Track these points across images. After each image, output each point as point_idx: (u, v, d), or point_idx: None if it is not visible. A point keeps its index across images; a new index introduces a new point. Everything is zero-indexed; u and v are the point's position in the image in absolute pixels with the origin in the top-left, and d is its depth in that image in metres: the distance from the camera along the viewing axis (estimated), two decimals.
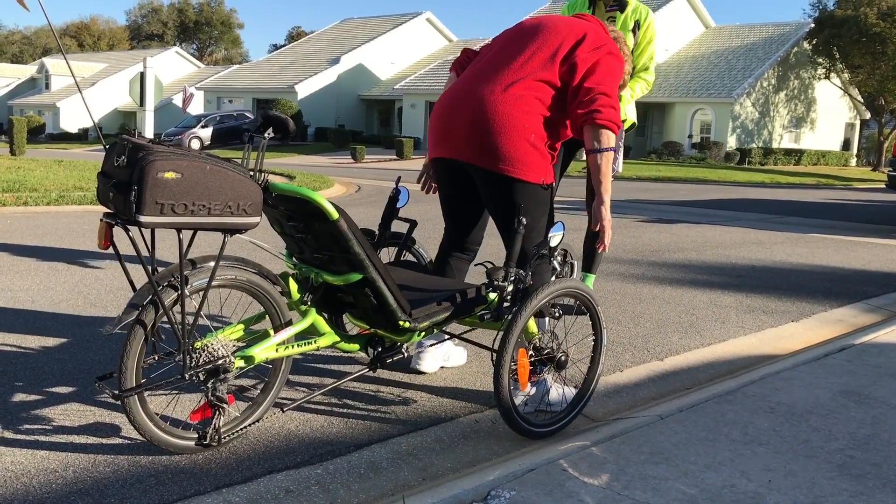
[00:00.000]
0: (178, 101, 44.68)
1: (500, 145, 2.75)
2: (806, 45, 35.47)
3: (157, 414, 2.37)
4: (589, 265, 4.42)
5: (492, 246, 6.87)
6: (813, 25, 34.81)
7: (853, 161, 40.16)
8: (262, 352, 2.41)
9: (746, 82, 32.71)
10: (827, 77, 35.84)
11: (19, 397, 2.80)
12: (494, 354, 2.53)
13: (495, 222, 2.95)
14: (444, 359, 3.32)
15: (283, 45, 63.91)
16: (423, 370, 3.25)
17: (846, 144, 40.82)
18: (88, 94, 48.30)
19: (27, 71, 56.56)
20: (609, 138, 2.75)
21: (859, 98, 38.37)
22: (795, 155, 34.32)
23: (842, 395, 3.00)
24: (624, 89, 3.16)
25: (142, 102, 12.98)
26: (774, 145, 35.55)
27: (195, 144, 31.84)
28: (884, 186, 23.35)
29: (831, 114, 39.17)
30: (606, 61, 2.80)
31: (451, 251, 3.17)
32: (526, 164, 2.77)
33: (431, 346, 3.23)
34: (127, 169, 2.06)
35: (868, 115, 39.87)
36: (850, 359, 3.52)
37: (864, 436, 2.58)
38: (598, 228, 2.80)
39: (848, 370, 3.34)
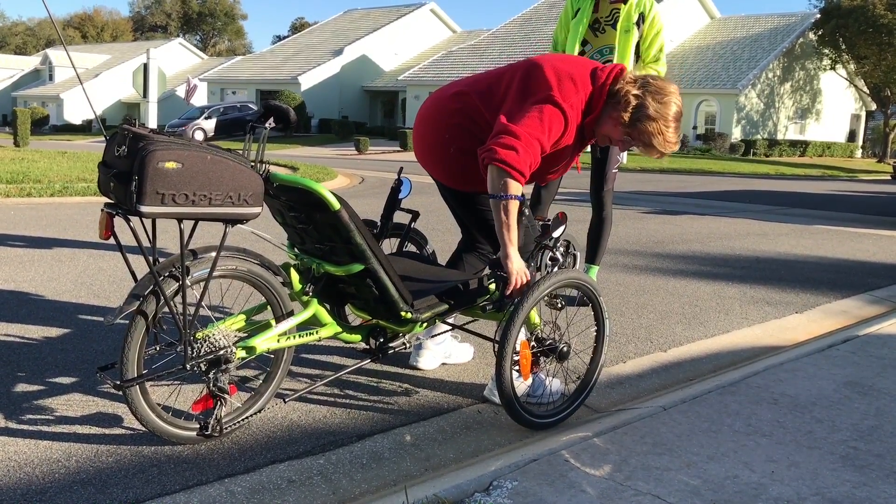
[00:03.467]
0: (181, 92, 44.62)
1: (434, 156, 2.79)
2: (812, 35, 35.30)
3: (159, 404, 2.37)
4: (592, 256, 4.42)
5: None
6: (819, 16, 34.63)
7: (858, 152, 40.02)
8: (264, 342, 2.41)
9: (752, 73, 32.57)
10: (832, 68, 35.67)
11: (22, 387, 2.80)
12: (496, 345, 2.52)
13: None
14: (446, 356, 3.30)
15: (287, 37, 63.77)
16: (422, 367, 3.23)
17: (851, 136, 40.66)
18: (92, 85, 48.28)
19: (31, 62, 56.58)
20: (508, 185, 2.45)
21: (865, 89, 38.19)
22: (800, 146, 34.21)
23: (845, 386, 2.99)
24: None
25: (145, 94, 12.97)
26: (779, 136, 35.42)
27: (199, 136, 31.83)
28: (889, 178, 23.27)
29: (837, 105, 39.00)
30: (544, 107, 2.54)
31: (465, 251, 3.16)
32: (453, 176, 2.78)
33: (431, 342, 3.21)
34: (128, 159, 2.05)
35: (874, 107, 39.70)
36: (853, 350, 3.51)
37: (867, 427, 2.57)
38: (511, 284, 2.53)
39: (852, 361, 3.33)
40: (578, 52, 4.23)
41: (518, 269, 2.54)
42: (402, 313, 2.51)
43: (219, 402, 2.34)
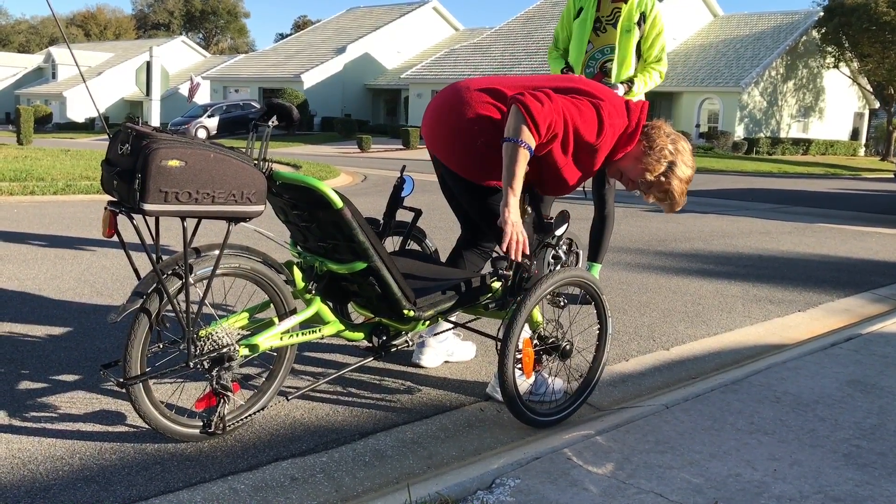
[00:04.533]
0: (184, 90, 44.61)
1: (454, 145, 2.74)
2: (815, 33, 35.22)
3: (162, 402, 2.38)
4: (595, 254, 4.41)
5: None
6: (822, 14, 34.56)
7: (862, 151, 39.94)
8: (267, 340, 2.41)
9: (755, 71, 32.51)
10: (836, 66, 35.60)
11: (26, 385, 2.81)
12: (499, 343, 2.52)
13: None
14: (448, 354, 3.30)
15: (289, 35, 63.81)
16: (424, 365, 3.24)
17: (855, 134, 40.58)
18: (95, 83, 48.33)
19: (34, 60, 56.61)
20: (522, 130, 2.46)
21: (868, 87, 38.10)
22: (803, 144, 34.15)
23: (848, 384, 2.99)
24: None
25: (148, 92, 12.97)
26: (782, 135, 35.36)
27: (201, 134, 31.84)
28: (892, 176, 23.23)
29: (840, 103, 38.92)
30: (584, 102, 2.60)
31: (465, 248, 3.15)
32: (473, 168, 2.73)
33: (434, 340, 3.22)
34: (131, 157, 2.06)
35: (877, 105, 39.60)
36: (856, 349, 3.51)
37: (870, 425, 2.57)
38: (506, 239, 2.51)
39: (854, 360, 3.32)
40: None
41: (515, 220, 2.50)
42: (405, 311, 2.51)
43: (222, 400, 2.35)
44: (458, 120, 2.72)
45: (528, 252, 2.53)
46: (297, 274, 2.56)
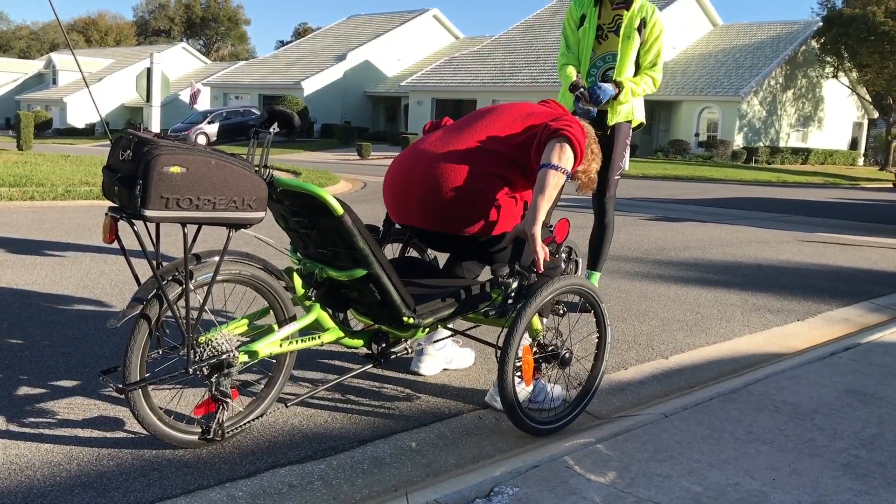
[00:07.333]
0: (184, 96, 44.69)
1: (451, 205, 2.66)
2: (814, 43, 35.31)
3: (161, 408, 2.37)
4: (594, 263, 4.42)
5: None
6: (821, 24, 34.66)
7: (860, 160, 40.00)
8: (266, 347, 2.41)
9: (754, 81, 32.58)
10: (835, 76, 35.69)
11: (24, 390, 2.81)
12: (498, 351, 2.52)
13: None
14: (447, 362, 3.30)
15: (290, 42, 63.97)
16: (423, 373, 3.23)
17: (854, 144, 40.65)
18: (95, 89, 48.37)
19: (34, 66, 56.70)
20: (569, 161, 2.58)
21: (867, 97, 38.20)
22: (802, 154, 34.19)
23: (847, 394, 2.99)
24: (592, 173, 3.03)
25: (148, 98, 13.00)
26: (781, 144, 35.42)
27: (201, 140, 31.86)
28: (891, 186, 23.28)
29: (839, 113, 38.99)
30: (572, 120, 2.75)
31: (460, 257, 3.15)
32: (482, 222, 2.69)
33: (432, 347, 3.21)
34: (132, 163, 2.06)
35: (876, 115, 39.70)
36: (855, 358, 3.51)
37: (869, 435, 2.57)
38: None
39: (853, 369, 3.33)
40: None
41: (541, 244, 2.54)
42: (405, 318, 2.51)
43: (221, 407, 2.35)
44: (455, 183, 2.66)
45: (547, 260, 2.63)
46: (297, 280, 2.56)
